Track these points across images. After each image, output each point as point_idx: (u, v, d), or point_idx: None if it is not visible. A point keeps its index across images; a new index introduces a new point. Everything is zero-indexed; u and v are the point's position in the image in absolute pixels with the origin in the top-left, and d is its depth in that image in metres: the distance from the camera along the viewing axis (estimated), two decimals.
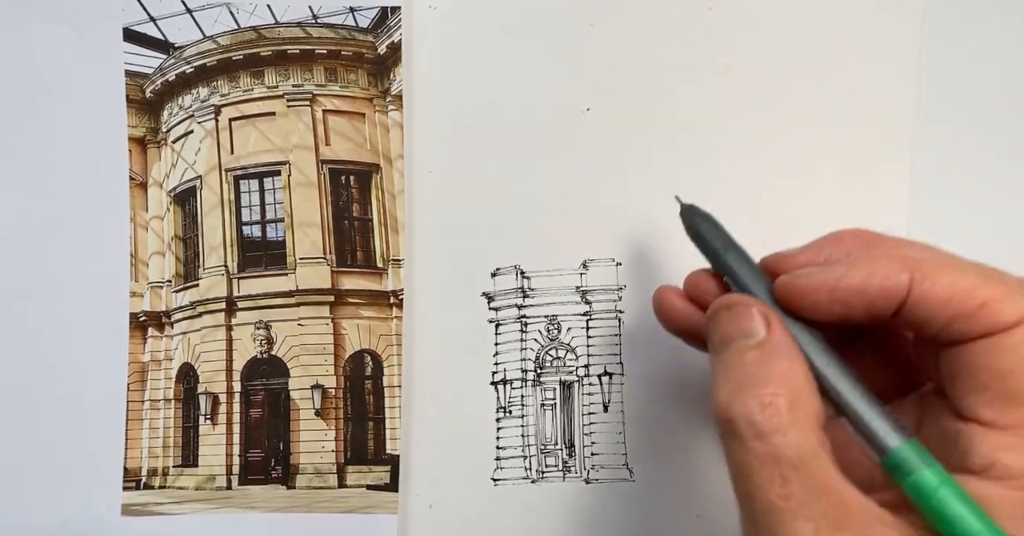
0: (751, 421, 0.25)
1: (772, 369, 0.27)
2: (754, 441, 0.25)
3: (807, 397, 0.26)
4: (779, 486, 0.24)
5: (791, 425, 0.25)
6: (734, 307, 0.29)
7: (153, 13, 0.42)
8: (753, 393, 0.26)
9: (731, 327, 0.29)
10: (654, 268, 0.40)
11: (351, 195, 0.43)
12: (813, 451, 0.25)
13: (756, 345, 0.27)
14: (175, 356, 0.43)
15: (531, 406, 0.41)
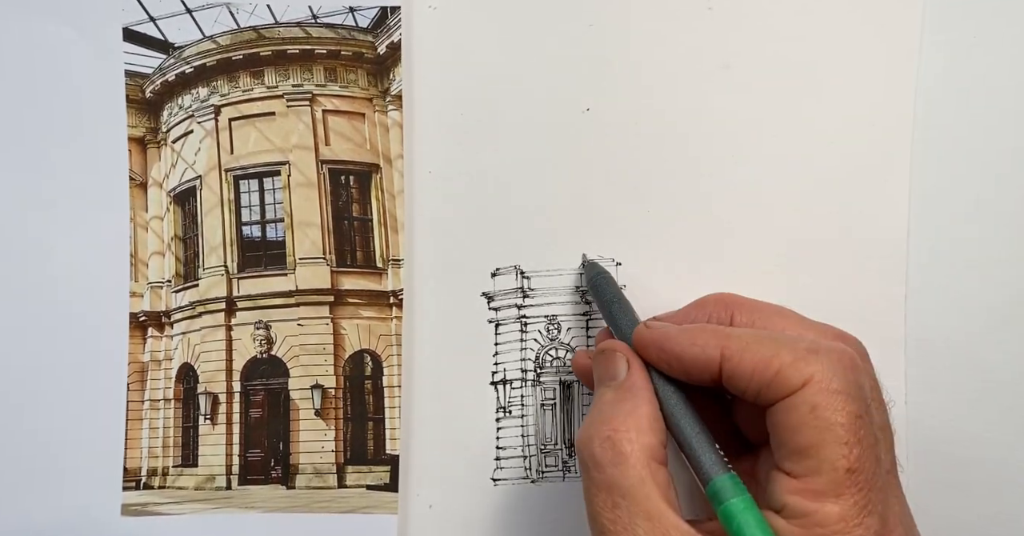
0: (592, 453, 0.30)
1: (620, 409, 0.31)
2: (594, 471, 0.29)
3: (645, 434, 0.30)
4: (610, 510, 0.29)
5: (625, 458, 0.29)
6: (604, 351, 0.34)
7: (153, 13, 0.42)
8: (599, 429, 0.30)
9: (601, 369, 0.33)
10: (654, 268, 0.40)
11: (351, 195, 0.43)
12: (640, 481, 0.29)
13: (615, 386, 0.32)
14: (175, 356, 0.43)
15: (531, 406, 0.41)
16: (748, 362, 0.30)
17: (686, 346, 0.31)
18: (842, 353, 0.30)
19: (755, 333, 0.31)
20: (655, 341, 0.32)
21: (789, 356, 0.29)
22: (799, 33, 0.40)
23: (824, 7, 0.40)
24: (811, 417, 0.28)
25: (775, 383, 0.29)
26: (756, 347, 0.30)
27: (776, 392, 0.29)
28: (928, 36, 0.39)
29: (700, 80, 0.40)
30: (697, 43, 0.40)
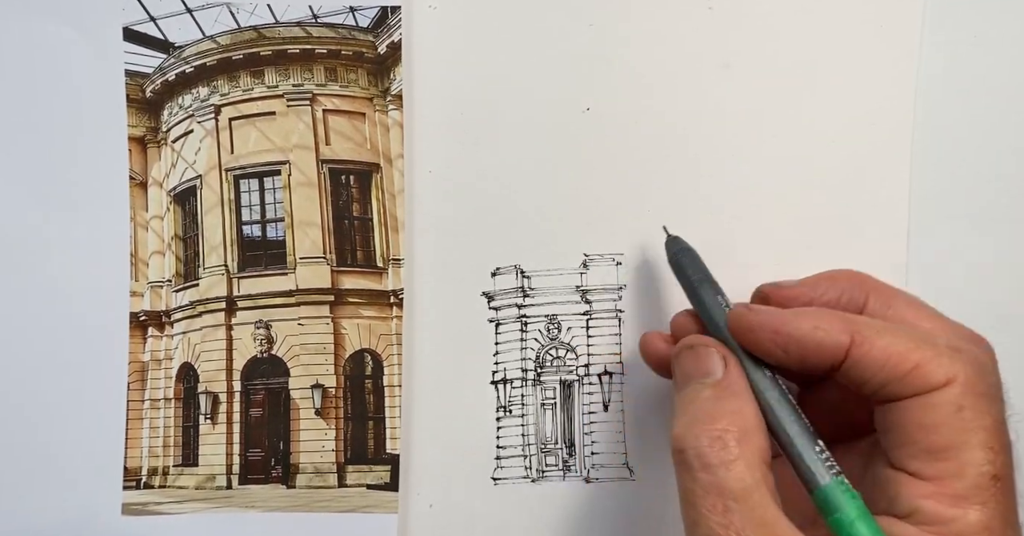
0: (700, 453, 0.27)
1: (724, 407, 0.29)
2: (701, 472, 0.27)
3: (754, 435, 0.28)
4: (720, 515, 0.26)
5: (736, 460, 0.27)
6: (696, 347, 0.31)
7: (153, 12, 0.42)
8: (704, 427, 0.28)
9: (691, 366, 0.31)
10: (654, 268, 0.40)
11: (351, 195, 0.43)
12: (755, 485, 0.27)
13: (712, 384, 0.30)
14: (175, 355, 0.43)
15: (531, 405, 0.41)
16: (881, 352, 0.28)
17: (807, 330, 0.29)
18: (984, 356, 0.28)
19: (886, 324, 0.29)
20: (767, 324, 0.30)
21: (931, 351, 0.28)
22: (799, 33, 0.40)
23: (824, 7, 0.40)
24: (955, 418, 0.27)
25: (911, 378, 0.27)
26: (891, 338, 0.28)
27: (909, 387, 0.27)
28: (928, 36, 0.39)
29: (700, 80, 0.40)
30: (697, 43, 0.40)
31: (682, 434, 0.28)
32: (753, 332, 0.30)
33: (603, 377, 0.41)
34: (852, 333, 0.28)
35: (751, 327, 0.30)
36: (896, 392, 0.28)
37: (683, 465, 0.28)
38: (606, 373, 0.41)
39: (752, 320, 0.30)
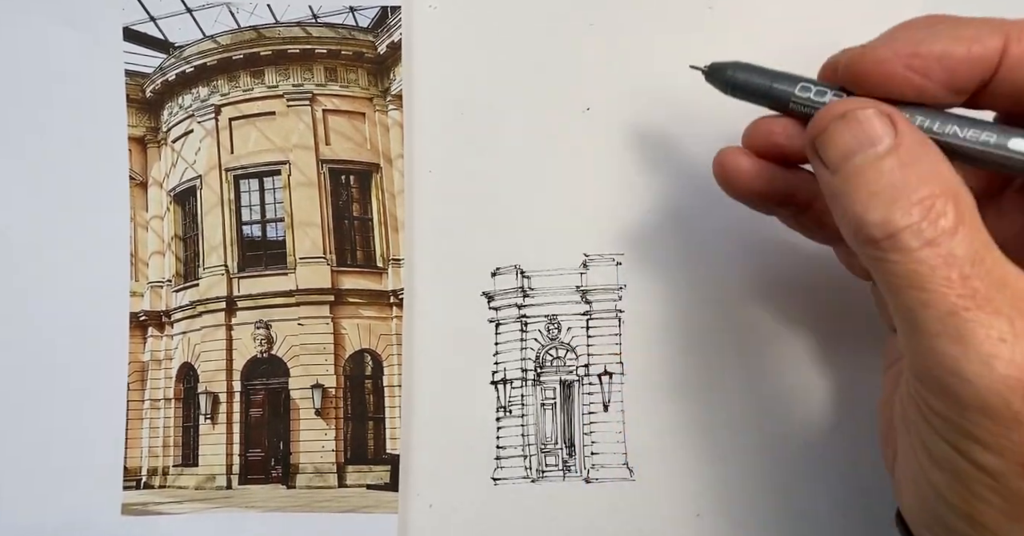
0: (917, 230, 0.23)
1: (919, 172, 0.24)
2: (924, 249, 0.23)
3: (962, 192, 0.24)
4: (959, 286, 0.23)
5: (959, 225, 0.23)
6: (849, 114, 0.25)
7: (153, 12, 0.42)
8: (910, 201, 0.23)
9: (850, 138, 0.25)
10: (655, 268, 0.40)
11: (351, 195, 0.43)
12: (984, 245, 0.23)
13: (890, 150, 0.25)
14: (175, 355, 0.43)
15: (531, 406, 0.41)
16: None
17: (951, 43, 0.25)
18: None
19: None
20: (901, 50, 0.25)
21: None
22: (799, 32, 0.40)
23: (824, 6, 0.40)
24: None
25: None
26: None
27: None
28: None
29: (701, 80, 0.40)
30: (697, 43, 0.40)
31: (884, 216, 0.23)
32: (881, 67, 0.26)
33: (603, 377, 0.41)
34: (1006, 32, 0.25)
35: (876, 63, 0.26)
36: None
37: (898, 249, 0.23)
38: (606, 373, 0.41)
39: (876, 55, 0.26)
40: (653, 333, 0.40)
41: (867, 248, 0.24)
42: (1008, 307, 0.22)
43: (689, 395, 0.40)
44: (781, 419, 0.39)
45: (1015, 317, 0.22)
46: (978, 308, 0.22)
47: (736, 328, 0.40)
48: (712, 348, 0.40)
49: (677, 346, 0.40)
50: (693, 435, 0.40)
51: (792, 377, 0.39)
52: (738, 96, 0.31)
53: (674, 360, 0.40)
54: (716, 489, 0.39)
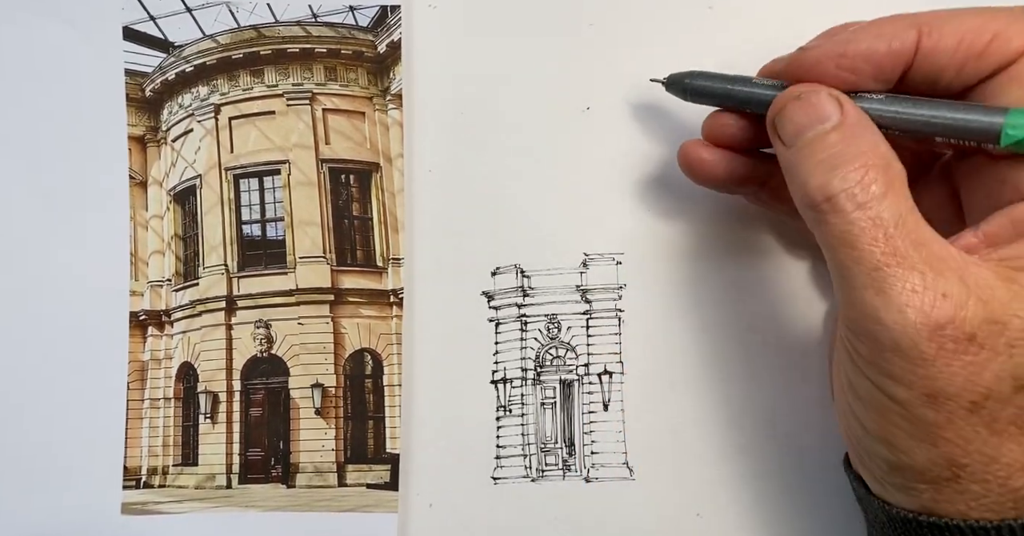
0: (851, 194, 0.27)
1: (857, 145, 0.28)
2: (856, 212, 0.26)
3: (894, 163, 0.27)
4: (883, 243, 0.26)
5: (887, 191, 0.27)
6: (803, 96, 0.29)
7: (153, 12, 0.42)
8: (847, 169, 0.27)
9: (803, 116, 0.29)
10: (654, 267, 0.40)
11: (351, 194, 0.43)
12: (908, 210, 0.27)
13: (835, 126, 0.28)
14: (175, 355, 0.43)
15: (531, 405, 0.41)
16: (952, 33, 0.27)
17: (873, 40, 0.28)
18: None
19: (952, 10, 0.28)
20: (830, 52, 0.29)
21: (1004, 19, 0.27)
22: (799, 32, 0.40)
23: (824, 6, 0.40)
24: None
25: (988, 52, 0.27)
26: (959, 18, 0.27)
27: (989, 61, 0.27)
28: None
29: None
30: (697, 43, 0.40)
31: (824, 181, 0.27)
32: (817, 67, 0.30)
33: (603, 377, 0.41)
34: (918, 26, 0.28)
35: (813, 63, 0.30)
36: (977, 72, 0.27)
37: (833, 211, 0.27)
38: (606, 373, 0.41)
39: (812, 56, 0.30)
40: (653, 333, 0.40)
41: (810, 211, 0.28)
42: (922, 263, 0.26)
43: (689, 395, 0.40)
44: (781, 419, 0.39)
45: (927, 272, 0.26)
46: (897, 264, 0.26)
47: (736, 327, 0.40)
48: (712, 348, 0.40)
49: (677, 346, 0.40)
50: (693, 435, 0.40)
51: (793, 376, 0.39)
52: (698, 101, 0.35)
53: (674, 360, 0.40)
54: (716, 489, 0.39)
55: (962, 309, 0.25)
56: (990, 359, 0.25)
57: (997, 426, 0.26)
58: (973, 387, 0.25)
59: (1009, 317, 0.25)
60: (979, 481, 0.26)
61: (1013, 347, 0.25)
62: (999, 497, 0.26)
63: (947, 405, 0.26)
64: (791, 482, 0.39)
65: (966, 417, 0.26)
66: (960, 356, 0.25)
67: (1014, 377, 0.25)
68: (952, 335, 0.25)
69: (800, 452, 0.39)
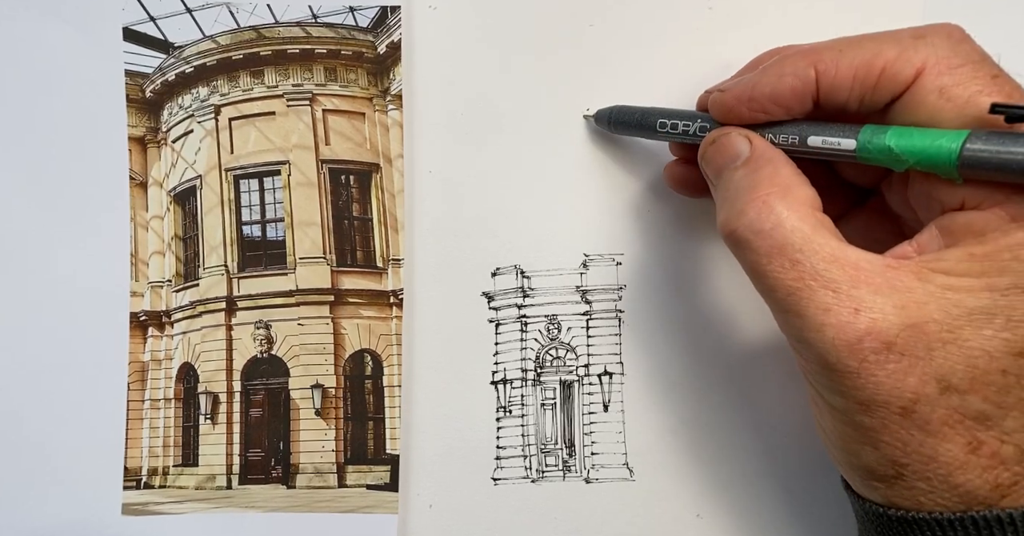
0: (750, 224, 0.28)
1: (759, 176, 0.29)
2: (758, 240, 0.28)
3: (796, 188, 0.28)
4: (791, 270, 0.27)
5: (787, 217, 0.27)
6: (717, 140, 0.31)
7: (153, 12, 0.42)
8: (746, 202, 0.28)
9: (719, 157, 0.31)
10: (654, 268, 0.40)
11: (351, 195, 0.43)
12: (812, 230, 0.27)
13: (743, 163, 0.30)
14: (175, 355, 0.43)
15: (531, 406, 0.41)
16: (847, 70, 0.28)
17: (775, 82, 0.30)
18: (949, 28, 0.28)
19: (849, 40, 0.29)
20: (741, 95, 0.31)
21: (893, 51, 0.28)
22: (799, 32, 0.40)
23: (824, 6, 0.40)
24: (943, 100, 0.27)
25: (883, 83, 0.28)
26: (852, 51, 0.28)
27: (885, 92, 0.28)
28: None
29: (700, 80, 0.40)
30: (697, 43, 0.40)
31: (728, 216, 0.29)
32: (733, 110, 0.31)
33: (603, 377, 0.41)
34: (815, 63, 0.29)
35: (728, 106, 0.31)
36: (877, 101, 0.28)
37: (740, 243, 0.28)
38: (606, 373, 0.41)
39: (727, 98, 0.31)
40: (653, 333, 0.40)
41: (729, 246, 0.29)
42: (834, 280, 0.26)
43: (689, 395, 0.40)
44: (781, 419, 0.39)
45: (840, 288, 0.26)
46: (807, 287, 0.27)
47: (736, 328, 0.40)
48: (712, 348, 0.40)
49: (677, 346, 0.40)
50: (693, 435, 0.40)
51: (793, 377, 0.39)
52: (622, 133, 0.38)
53: (674, 360, 0.40)
54: (716, 489, 0.39)
55: (877, 320, 0.26)
56: (912, 365, 0.26)
57: (930, 428, 0.26)
58: (900, 394, 0.26)
59: (925, 321, 0.26)
60: (922, 479, 0.27)
61: (932, 350, 0.26)
62: (944, 493, 0.26)
63: (879, 412, 0.26)
64: (790, 482, 0.39)
65: (899, 421, 0.26)
66: (883, 365, 0.26)
67: (938, 379, 0.26)
68: (871, 347, 0.26)
69: (800, 452, 0.39)
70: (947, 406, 0.26)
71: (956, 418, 0.26)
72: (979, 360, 0.26)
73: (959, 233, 0.27)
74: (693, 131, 0.33)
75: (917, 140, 0.27)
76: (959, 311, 0.26)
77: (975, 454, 0.26)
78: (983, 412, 0.26)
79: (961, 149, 0.26)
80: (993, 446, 0.26)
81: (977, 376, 0.26)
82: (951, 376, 0.26)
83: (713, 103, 0.32)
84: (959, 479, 0.26)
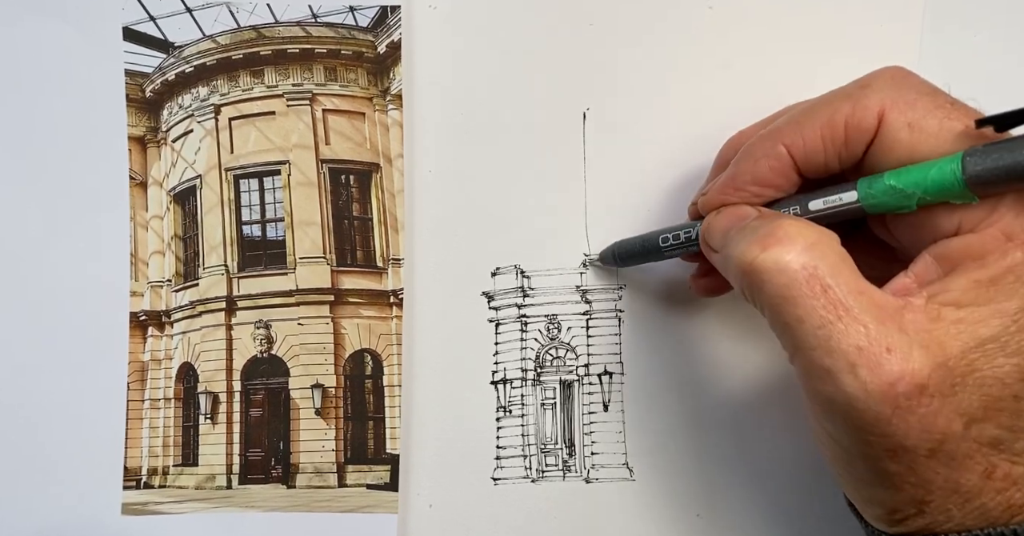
0: (777, 254, 0.27)
1: (777, 220, 0.28)
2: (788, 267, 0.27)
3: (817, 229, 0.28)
4: (822, 296, 0.26)
5: (815, 244, 0.27)
6: (722, 210, 0.32)
7: (153, 12, 0.42)
8: (773, 237, 0.27)
9: (726, 221, 0.31)
10: (654, 268, 0.40)
11: (351, 194, 0.43)
12: (841, 261, 0.27)
13: (755, 218, 0.30)
14: (175, 355, 0.43)
15: (531, 405, 0.41)
16: (811, 138, 0.29)
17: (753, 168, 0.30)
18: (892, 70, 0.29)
19: (797, 109, 0.30)
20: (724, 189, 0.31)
21: (847, 104, 0.28)
22: (799, 32, 0.40)
23: (824, 6, 0.40)
24: (913, 134, 0.27)
25: (852, 136, 0.28)
26: (810, 120, 0.29)
27: (858, 144, 0.28)
28: (928, 36, 0.39)
29: (700, 80, 0.40)
30: (697, 43, 0.40)
31: (747, 248, 0.28)
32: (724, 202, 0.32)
33: (603, 377, 0.41)
34: (780, 141, 0.29)
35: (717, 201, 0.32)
36: (854, 153, 0.29)
37: (764, 271, 0.27)
38: (606, 373, 0.41)
39: (712, 196, 0.32)
40: (653, 333, 0.40)
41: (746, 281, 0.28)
42: (864, 313, 0.26)
43: (689, 395, 0.40)
44: (781, 419, 0.39)
45: (869, 324, 0.25)
46: (839, 319, 0.26)
47: (736, 328, 0.40)
48: (712, 348, 0.40)
49: (677, 346, 0.40)
50: (693, 435, 0.40)
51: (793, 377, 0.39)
52: (629, 264, 0.39)
53: (674, 360, 0.40)
54: (716, 489, 0.39)
55: (908, 361, 0.25)
56: (941, 405, 0.25)
57: (955, 463, 0.26)
58: (930, 436, 0.25)
59: (947, 358, 0.25)
60: (942, 512, 0.26)
61: (955, 386, 0.25)
62: (961, 518, 0.26)
63: (907, 456, 0.26)
64: (790, 482, 0.39)
65: (925, 463, 0.26)
66: (915, 410, 0.25)
67: (961, 415, 0.25)
68: (905, 391, 0.25)
69: (799, 452, 0.39)
70: (971, 439, 0.26)
71: (975, 448, 0.26)
72: (992, 388, 0.25)
73: (957, 258, 0.27)
74: (695, 235, 0.34)
75: (915, 174, 0.27)
76: (973, 342, 0.26)
77: (989, 479, 0.26)
78: (996, 438, 0.26)
79: (963, 167, 0.26)
80: (1005, 468, 0.26)
81: (991, 404, 0.26)
82: (971, 409, 0.25)
83: (702, 205, 0.33)
84: (975, 504, 0.26)
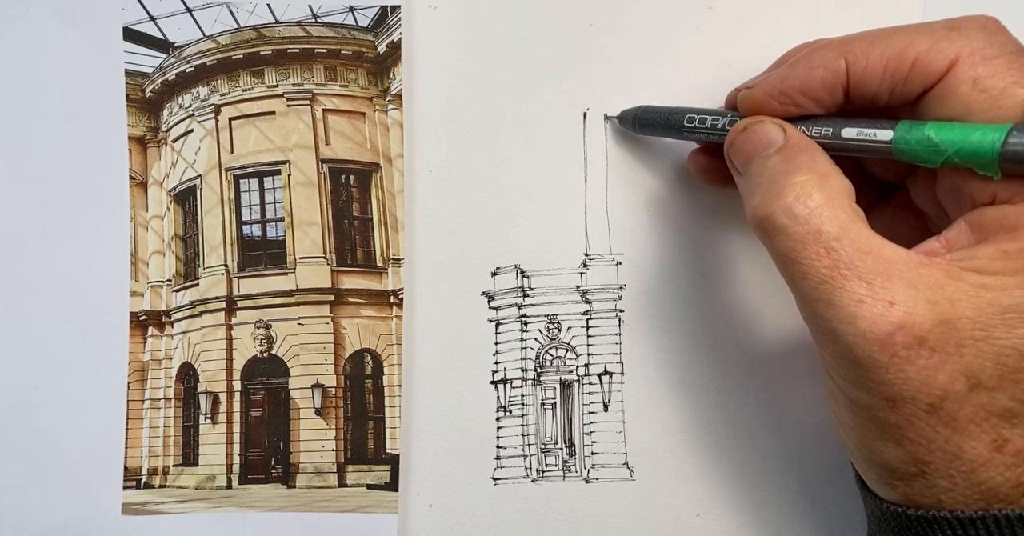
0: (787, 209, 0.27)
1: (796, 163, 0.29)
2: (794, 226, 0.27)
3: (833, 177, 0.28)
4: (825, 257, 0.27)
5: (824, 204, 0.27)
6: (748, 127, 0.31)
7: (153, 12, 0.42)
8: (783, 185, 0.28)
9: (750, 145, 0.31)
10: (654, 267, 0.40)
11: (351, 194, 0.43)
12: (848, 220, 0.27)
13: (777, 151, 0.30)
14: (175, 355, 0.43)
15: (531, 405, 0.41)
16: (877, 61, 0.28)
17: (805, 74, 0.30)
18: (984, 20, 0.28)
19: (878, 30, 0.29)
20: (770, 89, 0.31)
21: (925, 42, 0.27)
22: (799, 32, 0.40)
23: (824, 6, 0.40)
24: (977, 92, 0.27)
25: (914, 75, 0.28)
26: (884, 42, 0.28)
27: (916, 84, 0.28)
28: None
29: (700, 80, 0.40)
30: (697, 43, 0.40)
31: (761, 201, 0.28)
32: (764, 105, 0.31)
33: (603, 377, 0.41)
34: (845, 55, 0.29)
35: (759, 101, 0.31)
36: (908, 92, 0.28)
37: (774, 228, 0.28)
38: (606, 373, 0.41)
39: (757, 94, 0.31)
40: (653, 333, 0.40)
41: (758, 231, 0.29)
42: (868, 272, 0.26)
43: (689, 395, 0.40)
44: (781, 419, 0.39)
45: (874, 280, 0.26)
46: (841, 276, 0.26)
47: (736, 327, 0.40)
48: (712, 348, 0.40)
49: (677, 346, 0.40)
50: (693, 435, 0.40)
51: (793, 377, 0.39)
52: (646, 133, 0.38)
53: (674, 360, 0.40)
54: (716, 489, 0.39)
55: (911, 314, 0.26)
56: (943, 361, 0.26)
57: (957, 425, 0.26)
58: (929, 390, 0.26)
59: (957, 318, 0.26)
60: (944, 477, 0.27)
61: (963, 347, 0.26)
62: (965, 490, 0.26)
63: (906, 408, 0.26)
64: (791, 482, 0.39)
65: (926, 418, 0.26)
66: (914, 361, 0.26)
67: (967, 376, 0.26)
68: (903, 341, 0.26)
69: (800, 452, 0.39)
70: (975, 403, 0.26)
71: (983, 416, 0.26)
72: (1010, 358, 0.26)
73: (990, 229, 0.27)
74: (722, 126, 0.33)
75: (957, 133, 0.27)
76: (992, 309, 0.26)
77: (999, 452, 0.26)
78: (1010, 410, 0.26)
79: (1004, 143, 0.26)
80: (1018, 444, 0.26)
81: (1006, 374, 0.26)
82: (980, 373, 0.26)
83: (743, 100, 0.32)
84: (981, 476, 0.26)
